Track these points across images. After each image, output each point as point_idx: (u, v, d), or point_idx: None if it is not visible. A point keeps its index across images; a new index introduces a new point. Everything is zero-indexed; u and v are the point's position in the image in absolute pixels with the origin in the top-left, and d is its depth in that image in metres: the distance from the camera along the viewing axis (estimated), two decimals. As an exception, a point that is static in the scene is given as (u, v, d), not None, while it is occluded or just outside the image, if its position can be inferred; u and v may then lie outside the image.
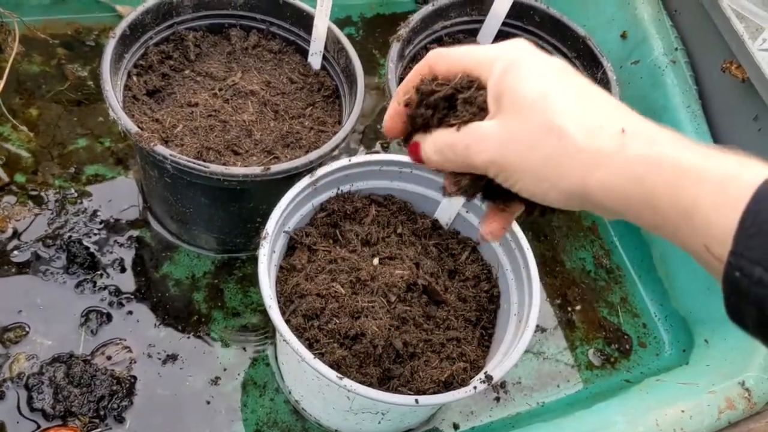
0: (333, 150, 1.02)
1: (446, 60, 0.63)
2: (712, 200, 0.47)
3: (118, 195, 1.22)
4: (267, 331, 1.15)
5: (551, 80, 0.57)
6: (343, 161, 1.01)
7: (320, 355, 0.88)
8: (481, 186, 0.64)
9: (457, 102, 0.60)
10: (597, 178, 0.53)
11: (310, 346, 0.90)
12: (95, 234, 1.17)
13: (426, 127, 0.64)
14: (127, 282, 1.14)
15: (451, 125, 0.61)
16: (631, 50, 1.34)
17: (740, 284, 0.46)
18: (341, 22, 1.57)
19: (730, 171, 0.47)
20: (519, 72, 0.57)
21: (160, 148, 0.94)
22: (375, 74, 1.54)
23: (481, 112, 0.60)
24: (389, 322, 0.93)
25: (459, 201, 1.03)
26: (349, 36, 1.55)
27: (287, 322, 0.92)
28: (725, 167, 0.48)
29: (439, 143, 0.62)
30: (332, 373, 0.82)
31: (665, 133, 0.53)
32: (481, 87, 0.60)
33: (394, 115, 0.67)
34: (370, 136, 1.47)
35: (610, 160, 0.52)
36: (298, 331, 0.91)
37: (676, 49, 1.29)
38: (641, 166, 0.51)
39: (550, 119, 0.54)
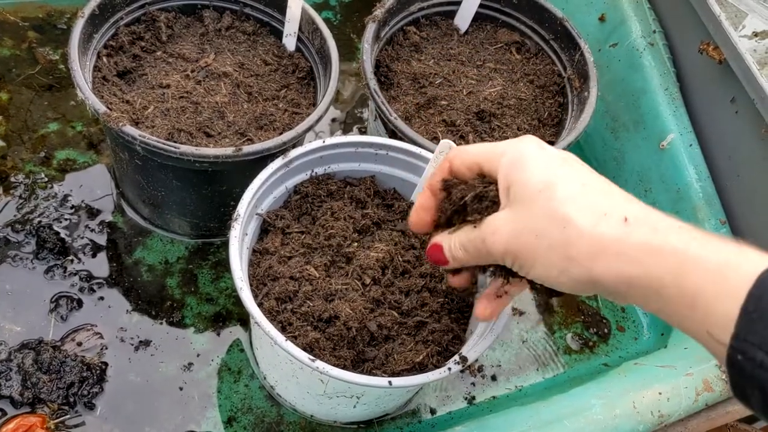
0: (307, 131, 1.00)
1: (462, 156, 0.68)
2: (714, 289, 0.49)
3: (90, 180, 1.20)
4: (242, 316, 1.13)
5: (555, 171, 0.60)
6: (318, 142, 0.99)
7: (293, 338, 0.87)
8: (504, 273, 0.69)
9: (469, 199, 0.66)
10: (603, 264, 0.55)
11: (282, 330, 0.89)
12: (66, 219, 1.15)
13: (449, 224, 0.70)
14: (99, 267, 1.12)
15: (470, 222, 0.66)
16: (610, 33, 1.33)
17: (744, 368, 0.47)
18: (319, 6, 1.56)
19: (730, 260, 0.50)
20: (524, 164, 0.61)
21: (129, 129, 0.93)
22: (353, 60, 1.52)
23: (494, 205, 0.64)
24: (363, 305, 0.92)
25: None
26: (327, 20, 1.53)
27: (260, 305, 0.90)
28: (726, 257, 0.50)
29: (463, 240, 0.66)
30: (304, 356, 0.81)
31: (668, 221, 0.55)
32: (492, 181, 0.65)
33: (419, 209, 0.73)
34: (348, 122, 1.45)
35: (615, 247, 0.55)
36: (271, 315, 0.90)
37: (654, 31, 1.28)
38: (645, 253, 0.53)
39: (554, 208, 0.57)
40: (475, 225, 0.65)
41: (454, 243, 0.68)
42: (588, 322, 1.25)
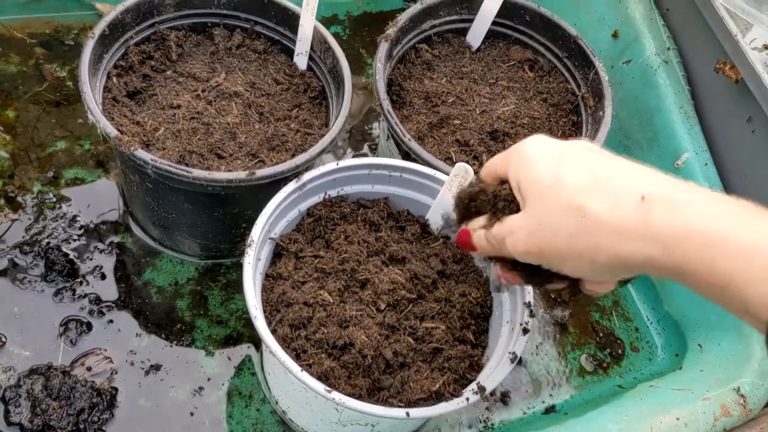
0: (320, 153, 0.99)
1: (487, 169, 0.72)
2: (745, 275, 0.48)
3: (99, 199, 1.19)
4: (253, 339, 1.12)
5: (562, 163, 0.60)
6: (331, 165, 0.98)
7: (308, 366, 0.86)
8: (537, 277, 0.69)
9: (483, 200, 0.71)
10: (628, 248, 0.55)
11: (297, 357, 0.88)
12: (74, 240, 1.13)
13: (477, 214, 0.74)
14: (108, 290, 1.11)
15: (491, 219, 0.69)
16: (623, 50, 1.32)
17: None
18: (327, 21, 1.54)
19: (757, 241, 0.49)
20: (531, 162, 0.62)
21: (141, 153, 0.91)
22: (362, 74, 1.51)
23: (511, 204, 0.67)
24: (378, 331, 0.90)
25: (448, 204, 1.00)
26: (336, 35, 1.52)
27: (273, 332, 0.89)
28: (751, 236, 0.49)
29: (487, 233, 0.68)
30: (320, 386, 0.80)
31: (686, 195, 0.53)
32: (505, 181, 0.68)
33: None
34: (357, 137, 1.44)
35: (636, 232, 0.54)
36: (285, 342, 0.89)
37: (669, 48, 1.27)
38: (667, 236, 0.52)
39: (568, 200, 0.58)
40: (491, 226, 0.68)
41: (479, 233, 0.71)
42: (601, 343, 1.24)
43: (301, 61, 1.15)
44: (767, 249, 0.48)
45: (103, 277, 1.12)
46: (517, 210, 0.66)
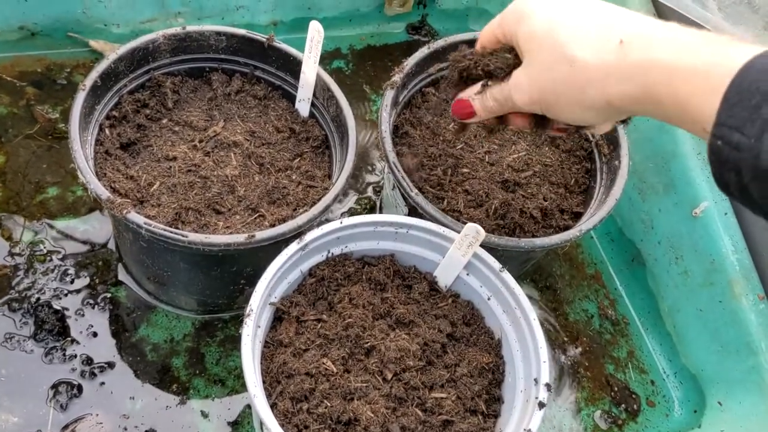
0: (323, 211, 0.94)
1: (485, 32, 0.78)
2: (701, 90, 0.53)
3: (91, 250, 1.14)
4: (252, 399, 1.07)
5: (556, 13, 0.66)
6: (335, 223, 0.93)
7: (310, 444, 0.81)
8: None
9: (490, 62, 0.75)
10: (610, 86, 0.61)
11: (299, 433, 0.83)
12: (65, 295, 1.08)
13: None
14: (100, 349, 1.05)
15: (496, 79, 0.75)
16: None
17: (722, 152, 0.50)
18: (330, 55, 1.49)
19: (716, 60, 0.53)
20: (527, 16, 0.69)
21: (134, 216, 0.86)
22: (365, 108, 1.45)
23: (514, 61, 0.73)
24: (385, 404, 0.85)
25: (460, 262, 0.96)
26: (339, 69, 1.47)
27: (273, 406, 0.84)
28: (712, 58, 0.53)
29: (494, 92, 0.75)
30: (324, 473, 0.75)
31: (663, 33, 0.59)
32: (503, 43, 0.75)
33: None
34: (359, 176, 1.38)
35: (616, 71, 0.60)
36: (286, 417, 0.84)
37: (685, 90, 1.22)
38: (640, 71, 0.58)
39: (560, 50, 0.64)
40: (502, 78, 0.74)
41: (481, 97, 0.77)
42: (616, 398, 1.19)
43: (303, 107, 1.10)
44: (726, 66, 0.51)
45: (95, 334, 1.06)
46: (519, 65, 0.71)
